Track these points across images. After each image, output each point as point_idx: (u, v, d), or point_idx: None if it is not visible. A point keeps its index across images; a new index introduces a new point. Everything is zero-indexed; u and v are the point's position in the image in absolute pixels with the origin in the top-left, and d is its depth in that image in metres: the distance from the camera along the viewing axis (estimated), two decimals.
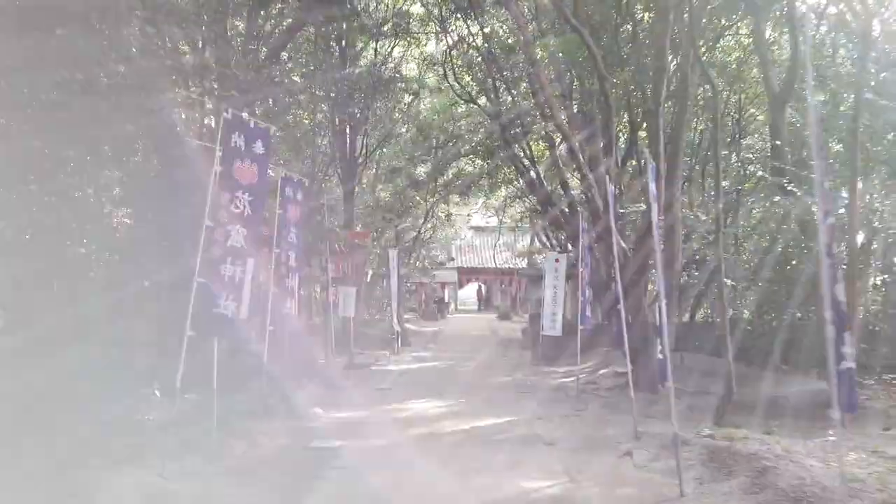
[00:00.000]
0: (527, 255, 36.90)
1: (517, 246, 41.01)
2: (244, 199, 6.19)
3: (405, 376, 13.19)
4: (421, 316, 33.03)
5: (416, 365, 15.17)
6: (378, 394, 10.89)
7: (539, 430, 8.21)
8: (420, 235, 28.58)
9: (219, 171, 6.02)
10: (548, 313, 15.13)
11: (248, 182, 6.24)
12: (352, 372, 12.51)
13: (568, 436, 7.90)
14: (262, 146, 6.41)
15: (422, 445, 7.34)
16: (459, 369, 14.60)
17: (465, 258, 43.26)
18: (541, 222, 29.79)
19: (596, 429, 8.27)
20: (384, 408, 9.64)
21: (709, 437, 6.84)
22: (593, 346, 15.13)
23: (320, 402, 9.79)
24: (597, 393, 11.03)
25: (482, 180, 25.60)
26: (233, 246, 6.10)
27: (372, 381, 12.28)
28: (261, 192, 6.44)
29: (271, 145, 6.56)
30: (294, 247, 8.72)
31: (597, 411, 9.55)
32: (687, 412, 9.43)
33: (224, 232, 6.04)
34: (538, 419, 8.86)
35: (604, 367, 13.81)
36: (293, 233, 8.73)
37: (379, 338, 19.19)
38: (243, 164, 6.20)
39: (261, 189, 6.43)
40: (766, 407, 9.66)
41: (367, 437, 7.75)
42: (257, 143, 6.36)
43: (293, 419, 8.49)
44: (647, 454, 6.91)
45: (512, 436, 7.90)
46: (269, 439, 7.52)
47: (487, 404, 9.96)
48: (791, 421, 9.06)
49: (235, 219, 6.12)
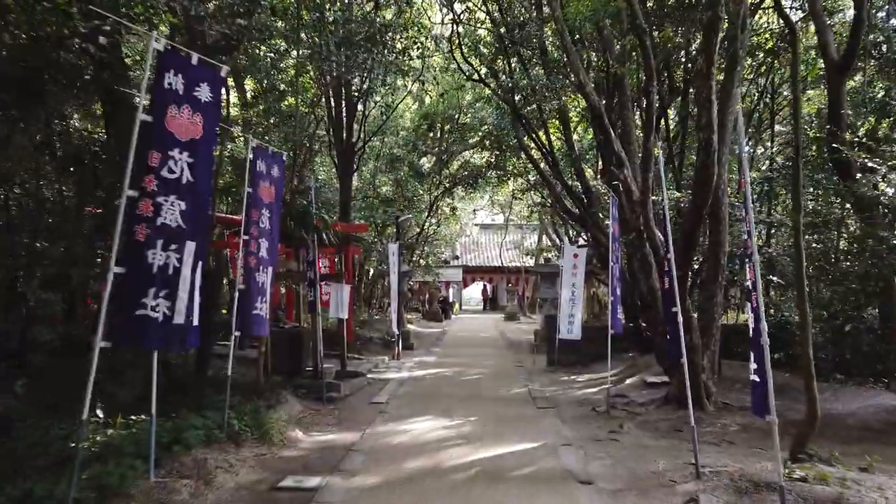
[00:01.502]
0: (536, 254, 35.33)
1: (524, 244, 39.46)
2: (182, 161, 4.58)
3: (405, 386, 11.57)
4: (424, 316, 31.43)
5: (419, 372, 13.54)
6: (372, 409, 9.28)
7: (568, 461, 6.58)
8: (424, 231, 26.98)
9: (145, 120, 4.40)
10: (564, 314, 13.53)
11: (188, 137, 4.62)
12: (344, 382, 10.89)
13: (607, 471, 6.27)
14: (209, 92, 4.80)
15: (421, 487, 5.72)
16: (467, 378, 12.98)
17: (470, 256, 41.79)
18: (551, 217, 28.23)
19: (640, 460, 6.63)
20: (378, 429, 8.02)
21: (801, 481, 5.19)
22: (616, 351, 13.50)
23: (301, 422, 8.19)
24: (630, 409, 9.38)
25: (490, 172, 24.04)
26: (165, 224, 4.49)
27: (366, 393, 10.66)
28: (207, 152, 4.82)
29: (220, 92, 4.96)
30: (266, 234, 7.11)
31: (635, 434, 7.91)
32: (743, 436, 7.82)
33: (152, 205, 4.42)
34: (565, 445, 7.23)
35: (631, 376, 12.17)
36: (266, 216, 7.12)
37: (378, 341, 17.65)
38: (181, 113, 4.59)
39: (207, 149, 4.81)
40: (836, 428, 8.04)
41: (353, 473, 6.13)
42: (202, 88, 4.75)
43: (264, 445, 6.89)
44: (718, 501, 5.26)
45: (535, 470, 6.27)
46: (228, 475, 5.91)
47: (501, 424, 8.34)
48: (875, 447, 7.43)
49: (169, 187, 4.51)
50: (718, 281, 9.10)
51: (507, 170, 23.14)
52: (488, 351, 18.19)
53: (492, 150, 22.57)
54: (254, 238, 6.95)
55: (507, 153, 21.45)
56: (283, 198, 7.91)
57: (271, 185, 7.18)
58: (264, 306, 7.13)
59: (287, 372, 10.43)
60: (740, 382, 10.69)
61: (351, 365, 12.76)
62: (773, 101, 16.04)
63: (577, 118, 18.18)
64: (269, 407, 8.09)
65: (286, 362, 10.62)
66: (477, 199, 36.20)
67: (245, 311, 6.90)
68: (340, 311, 11.52)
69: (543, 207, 27.27)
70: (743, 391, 10.12)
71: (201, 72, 4.74)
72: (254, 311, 6.97)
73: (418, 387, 11.57)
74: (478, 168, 24.67)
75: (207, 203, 4.99)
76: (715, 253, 9.03)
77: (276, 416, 7.67)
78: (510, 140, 19.06)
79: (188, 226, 4.57)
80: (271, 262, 7.21)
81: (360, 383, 11.47)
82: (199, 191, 4.66)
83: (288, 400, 8.75)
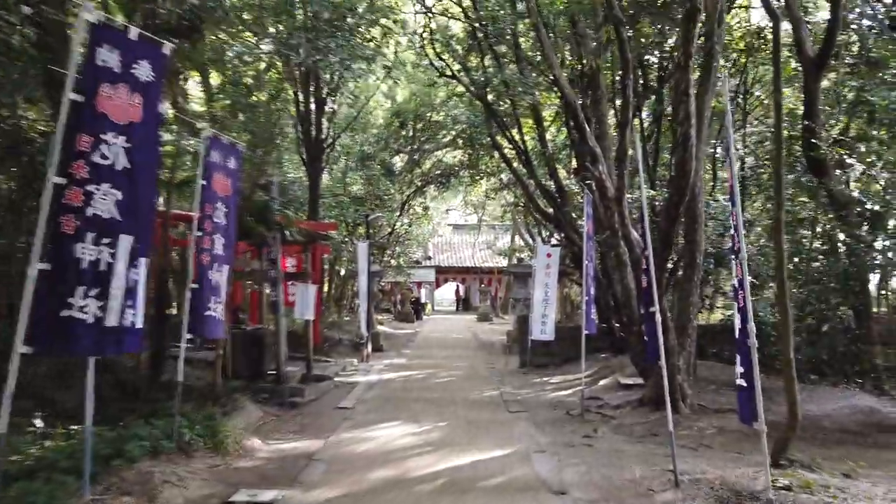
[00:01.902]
0: (509, 254, 35.13)
1: (497, 244, 39.26)
2: (118, 146, 4.12)
3: (374, 390, 11.15)
4: (396, 317, 30.99)
5: (388, 375, 13.14)
6: (337, 415, 8.86)
7: (542, 469, 6.26)
8: (395, 231, 26.53)
9: (75, 100, 3.95)
10: (538, 315, 13.28)
11: (126, 120, 4.17)
12: (309, 386, 10.44)
13: (582, 479, 5.96)
14: (150, 71, 4.35)
15: (384, 500, 5.34)
16: (437, 380, 12.61)
17: (442, 257, 41.45)
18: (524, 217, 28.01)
19: (616, 467, 6.33)
20: (342, 436, 7.61)
21: (785, 489, 4.93)
22: (589, 351, 13.27)
23: (260, 430, 7.74)
24: (604, 412, 9.12)
25: (463, 171, 23.72)
26: (97, 216, 4.03)
27: (332, 397, 10.22)
28: (148, 137, 4.37)
29: (165, 71, 4.51)
30: (222, 229, 6.65)
31: (610, 439, 7.64)
32: (720, 439, 7.60)
33: (82, 194, 3.97)
34: (538, 452, 6.91)
35: (604, 377, 11.94)
36: (221, 211, 6.66)
37: (348, 343, 17.18)
38: (117, 92, 4.13)
39: (148, 133, 4.36)
40: (813, 431, 7.88)
41: (313, 485, 5.72)
42: (142, 66, 4.30)
43: (218, 456, 6.42)
44: None
45: (507, 480, 5.93)
46: (176, 490, 5.44)
47: (472, 430, 7.99)
48: (853, 450, 7.28)
49: (102, 174, 4.05)
50: (694, 280, 8.90)
51: (480, 169, 22.85)
52: (460, 352, 17.85)
53: (465, 149, 22.25)
54: (207, 234, 6.48)
55: (480, 152, 21.15)
56: (240, 192, 7.45)
57: (227, 177, 6.72)
58: (219, 307, 6.61)
59: (248, 376, 9.95)
60: (715, 384, 10.52)
61: (317, 368, 12.31)
62: (745, 101, 16.01)
63: (551, 118, 17.96)
64: (226, 414, 7.63)
65: (247, 366, 10.13)
66: (450, 199, 35.91)
67: (197, 312, 6.40)
68: (306, 311, 11.08)
69: (516, 207, 27.05)
70: (718, 392, 9.95)
71: (141, 48, 4.28)
72: (206, 313, 6.38)
73: (387, 390, 11.16)
74: (450, 167, 24.33)
75: (150, 194, 4.53)
76: (691, 251, 8.81)
77: (232, 424, 7.20)
78: (483, 138, 18.75)
79: (124, 218, 4.11)
80: (227, 259, 6.75)
81: (326, 387, 11.03)
82: (138, 180, 4.20)
83: (247, 406, 8.29)
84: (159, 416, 6.78)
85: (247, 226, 8.34)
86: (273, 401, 9.22)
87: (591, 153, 9.06)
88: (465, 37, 16.12)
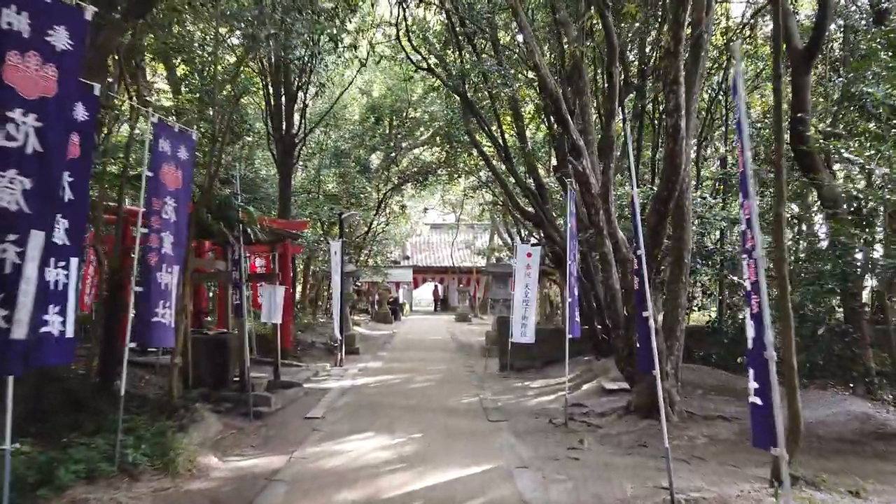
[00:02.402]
0: (488, 254, 34.69)
1: (476, 243, 38.81)
2: (28, 127, 3.49)
3: (346, 396, 10.54)
4: (373, 318, 30.33)
5: (363, 380, 12.53)
6: (305, 426, 8.24)
7: (525, 487, 5.73)
8: (372, 230, 25.89)
9: None
10: (518, 316, 12.77)
11: (37, 95, 3.54)
12: (276, 393, 9.80)
13: (568, 498, 5.44)
14: (67, 39, 3.72)
15: None
16: (414, 385, 12.04)
17: (420, 256, 40.92)
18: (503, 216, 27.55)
19: (605, 483, 5.83)
20: (309, 451, 7.00)
21: None
22: (571, 354, 12.79)
23: (219, 445, 7.10)
24: (589, 420, 8.63)
25: (440, 169, 23.18)
26: (1, 207, 3.39)
27: (301, 406, 9.60)
28: (64, 116, 3.74)
29: (85, 38, 3.88)
30: (171, 226, 6.00)
31: (597, 451, 7.13)
32: (712, 449, 7.15)
33: None
34: (520, 468, 6.37)
35: (588, 381, 11.46)
36: (171, 206, 6.02)
37: (321, 346, 16.54)
38: (26, 61, 3.50)
39: (64, 111, 3.73)
40: (810, 439, 7.44)
41: None
42: (57, 32, 3.67)
43: (167, 477, 5.78)
44: None
45: (487, 502, 5.39)
46: None
47: (450, 441, 7.44)
48: (852, 461, 6.87)
49: (9, 159, 3.42)
50: (682, 281, 8.47)
51: (458, 167, 22.33)
52: (438, 355, 17.30)
53: (442, 147, 21.71)
54: (155, 231, 5.84)
55: (459, 149, 20.63)
56: (195, 185, 6.80)
57: (178, 168, 6.08)
58: (168, 312, 5.99)
59: (212, 383, 9.30)
60: (702, 388, 10.12)
61: (287, 374, 11.68)
62: (726, 99, 15.72)
63: (530, 115, 17.49)
64: (182, 427, 6.96)
65: (211, 372, 9.48)
66: (427, 198, 35.35)
67: (143, 318, 5.76)
68: (274, 314, 10.42)
69: (495, 206, 26.59)
70: (705, 398, 9.54)
71: (57, 11, 3.66)
72: (154, 319, 5.81)
73: (360, 397, 10.56)
74: (428, 165, 23.78)
75: (81, 183, 3.90)
76: (678, 250, 8.37)
77: (187, 440, 6.55)
78: (461, 136, 18.23)
79: (34, 210, 3.49)
80: (177, 259, 6.10)
81: (295, 395, 10.39)
82: (51, 164, 3.58)
83: (206, 417, 7.62)
84: (105, 430, 6.13)
85: (205, 223, 7.69)
86: (236, 411, 8.57)
87: (574, 146, 8.57)
88: (441, 30, 15.59)
